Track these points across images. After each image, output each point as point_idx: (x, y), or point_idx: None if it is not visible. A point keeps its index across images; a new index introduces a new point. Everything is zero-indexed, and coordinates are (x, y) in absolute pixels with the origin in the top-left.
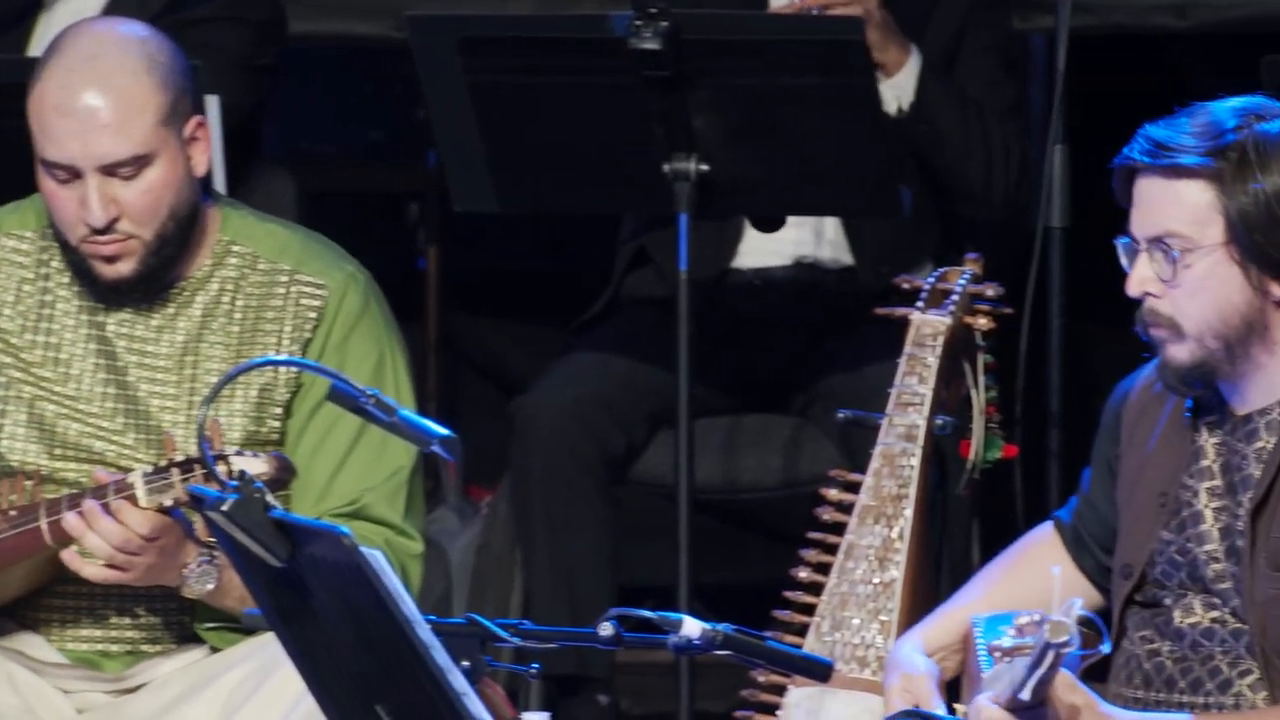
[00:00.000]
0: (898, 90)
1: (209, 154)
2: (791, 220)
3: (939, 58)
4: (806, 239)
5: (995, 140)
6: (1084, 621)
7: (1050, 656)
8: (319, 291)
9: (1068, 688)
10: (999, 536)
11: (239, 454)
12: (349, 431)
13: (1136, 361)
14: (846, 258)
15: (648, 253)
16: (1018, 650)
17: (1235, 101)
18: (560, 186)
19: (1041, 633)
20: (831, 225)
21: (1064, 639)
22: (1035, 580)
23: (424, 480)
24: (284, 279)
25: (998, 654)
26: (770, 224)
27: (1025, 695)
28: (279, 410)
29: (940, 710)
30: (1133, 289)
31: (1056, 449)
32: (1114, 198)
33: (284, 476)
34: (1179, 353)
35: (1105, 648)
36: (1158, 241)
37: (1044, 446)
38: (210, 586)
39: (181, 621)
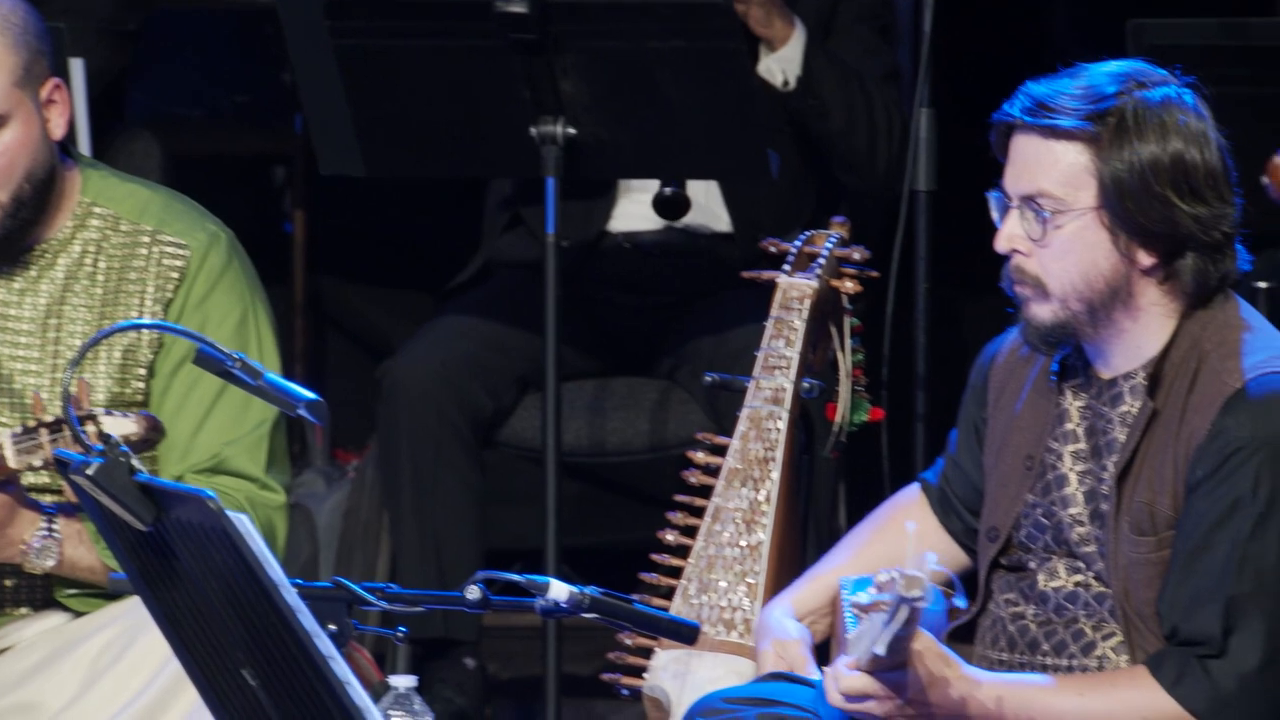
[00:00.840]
0: (784, 64)
1: (68, 117)
2: (658, 184)
3: (815, 27)
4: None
5: (879, 110)
6: (944, 580)
7: (905, 611)
8: (181, 251)
9: (930, 650)
10: (865, 499)
11: (108, 414)
12: (211, 389)
13: (1001, 325)
14: (717, 224)
15: (520, 216)
16: (875, 607)
17: (1118, 66)
18: (427, 150)
19: (895, 588)
20: (702, 191)
21: (918, 593)
22: (902, 542)
23: (291, 444)
24: (146, 240)
25: (858, 611)
26: (674, 211)
27: (880, 650)
28: (143, 371)
29: (811, 674)
30: (1001, 245)
31: (922, 411)
32: (980, 162)
33: (153, 436)
34: (1042, 312)
35: (960, 602)
36: (1030, 200)
37: (910, 409)
38: (51, 563)
39: (47, 584)
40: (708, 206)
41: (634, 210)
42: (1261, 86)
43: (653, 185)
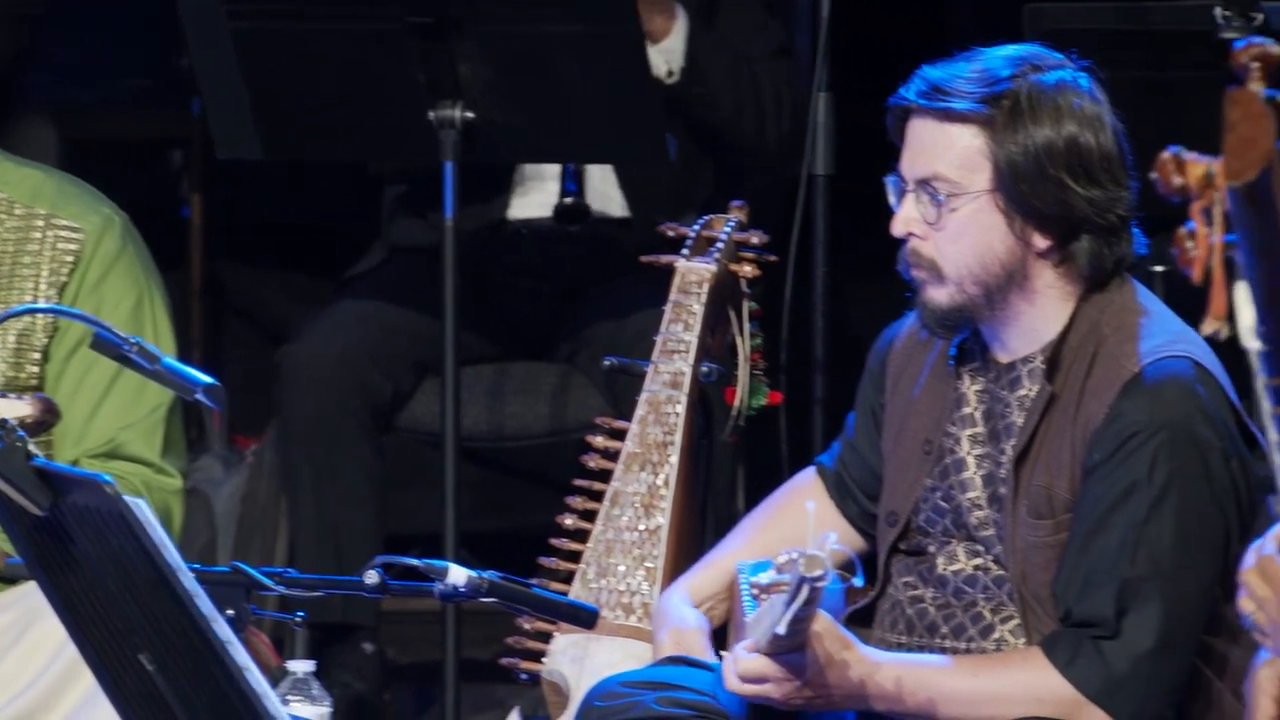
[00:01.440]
0: (667, 55)
1: None
2: (552, 169)
3: (700, 8)
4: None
5: (766, 90)
6: (843, 560)
7: (806, 591)
8: (75, 235)
9: (829, 632)
10: (764, 483)
11: (2, 397)
12: (106, 374)
13: (899, 309)
14: (614, 208)
15: (417, 201)
16: (775, 587)
17: (1013, 49)
18: (324, 134)
19: (796, 568)
20: (598, 175)
21: (819, 573)
22: (799, 525)
23: (188, 429)
24: (40, 223)
25: (757, 591)
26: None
27: (781, 630)
28: (38, 355)
29: (712, 661)
30: (897, 228)
31: (821, 396)
32: (877, 146)
33: (49, 419)
34: (938, 295)
35: (857, 581)
36: (925, 183)
37: (809, 393)
38: None
39: None
40: (604, 191)
41: (530, 198)
42: (1159, 70)
43: (550, 170)
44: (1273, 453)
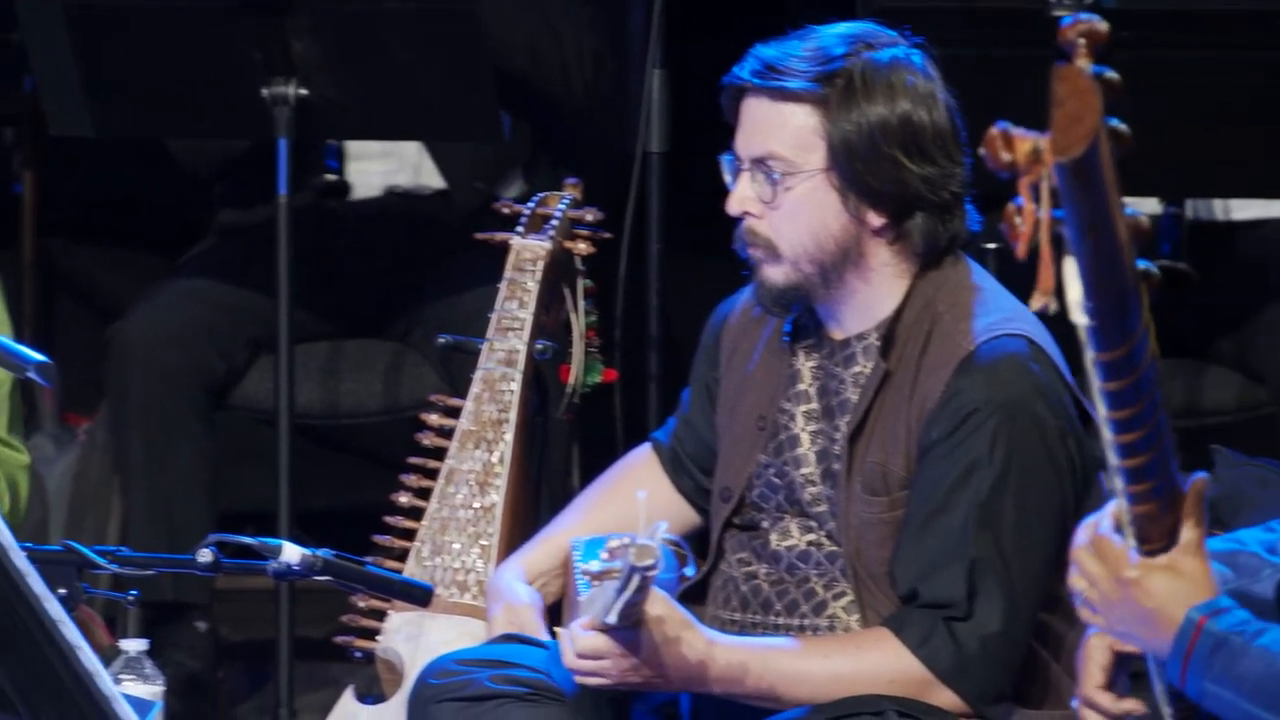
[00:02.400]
0: None
1: None
2: (378, 148)
3: None
4: (393, 167)
5: (567, 41)
6: (674, 547)
7: (636, 580)
8: None
9: (664, 611)
10: (599, 460)
11: None
12: None
13: (734, 286)
14: (436, 181)
15: (246, 181)
16: (607, 574)
17: (847, 27)
18: (157, 110)
19: (627, 556)
20: (415, 150)
21: (649, 562)
22: (631, 502)
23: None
24: None
25: (589, 578)
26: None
27: (612, 619)
28: None
29: (543, 638)
30: (732, 207)
31: (656, 372)
32: (712, 122)
33: None
34: (774, 274)
35: (689, 571)
36: (760, 162)
37: (643, 370)
38: None
39: None
40: (418, 164)
41: (356, 178)
42: (990, 48)
43: (377, 148)
44: (1102, 427)
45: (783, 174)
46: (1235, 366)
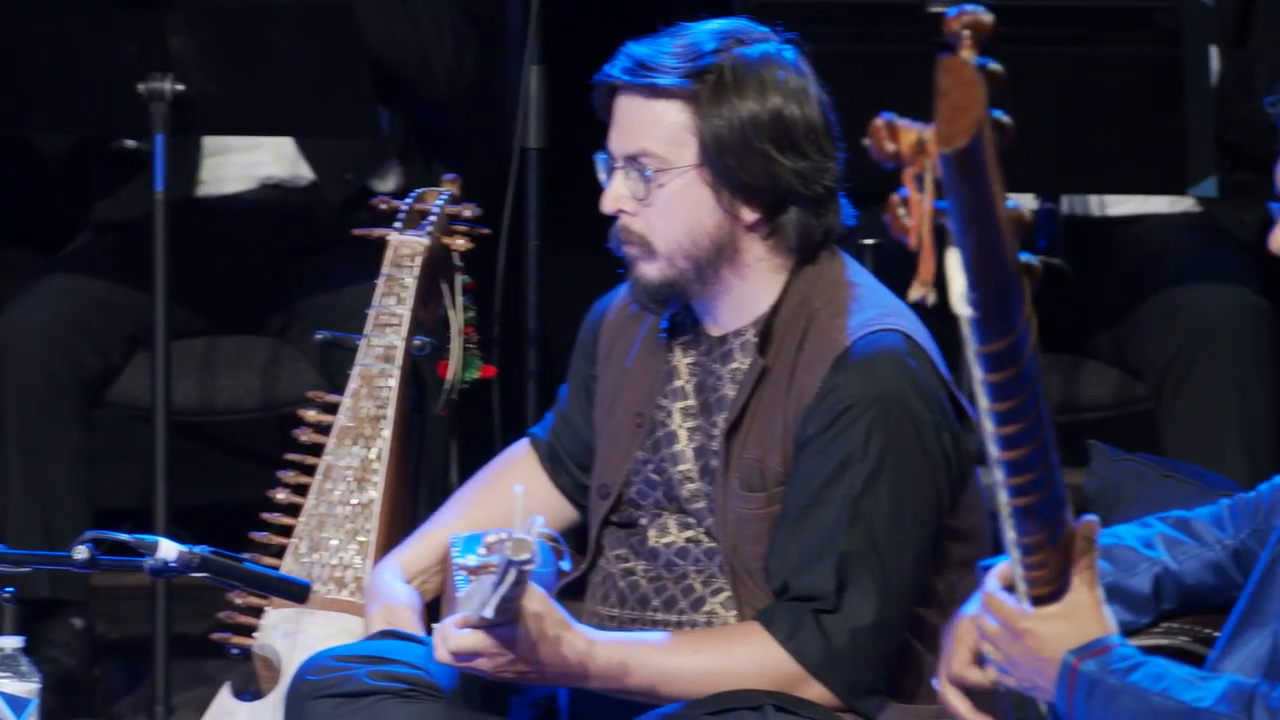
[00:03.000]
0: None
1: None
2: (251, 142)
3: None
4: (267, 160)
5: (424, 24)
6: (551, 542)
7: (513, 574)
8: None
9: (541, 608)
10: (477, 456)
11: None
12: None
13: (612, 283)
14: (310, 174)
15: (120, 176)
16: (484, 569)
17: (719, 24)
18: (32, 106)
19: (504, 550)
20: (288, 143)
21: (525, 556)
22: (512, 498)
23: None
24: None
25: (466, 572)
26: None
27: (489, 613)
28: None
29: (420, 635)
30: (607, 205)
31: (534, 369)
32: (590, 119)
33: None
34: (649, 270)
35: (565, 565)
36: (633, 160)
37: (522, 366)
38: None
39: None
40: (296, 157)
41: (228, 173)
42: (868, 44)
43: (248, 143)
44: (983, 419)
45: (655, 171)
46: (1112, 362)
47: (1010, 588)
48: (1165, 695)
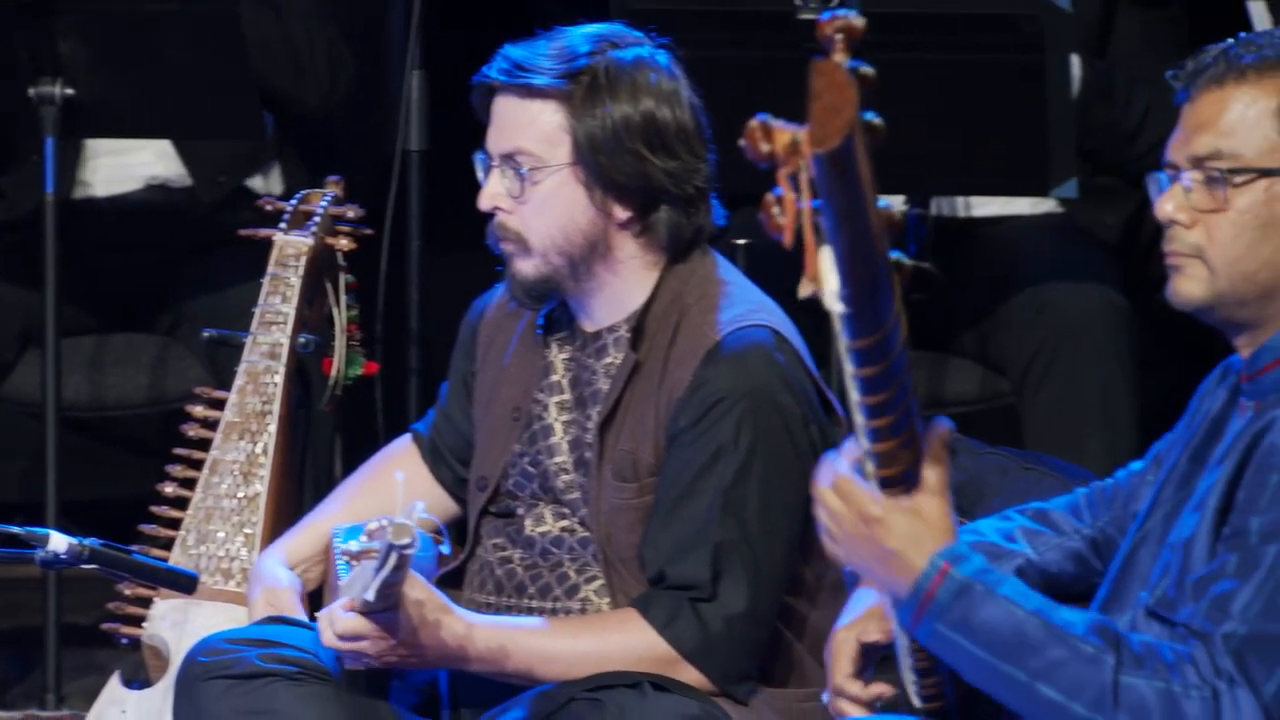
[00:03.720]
0: None
1: None
2: (136, 144)
3: None
4: (150, 160)
5: (301, 46)
6: (431, 528)
7: (394, 558)
8: None
9: (422, 594)
10: (361, 450)
11: None
12: None
13: (492, 281)
14: (183, 175)
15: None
16: (365, 554)
17: (593, 28)
18: None
19: (385, 535)
20: (169, 144)
21: (406, 541)
22: (392, 491)
23: None
24: None
25: (348, 558)
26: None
27: (370, 596)
28: None
29: (304, 619)
30: (484, 203)
31: (416, 365)
32: (470, 122)
33: None
34: (525, 267)
35: (445, 549)
36: (509, 158)
37: (404, 363)
38: None
39: None
40: (177, 158)
41: (113, 174)
42: (743, 49)
43: (128, 145)
44: (855, 413)
45: (530, 169)
46: (976, 358)
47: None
48: (1035, 614)
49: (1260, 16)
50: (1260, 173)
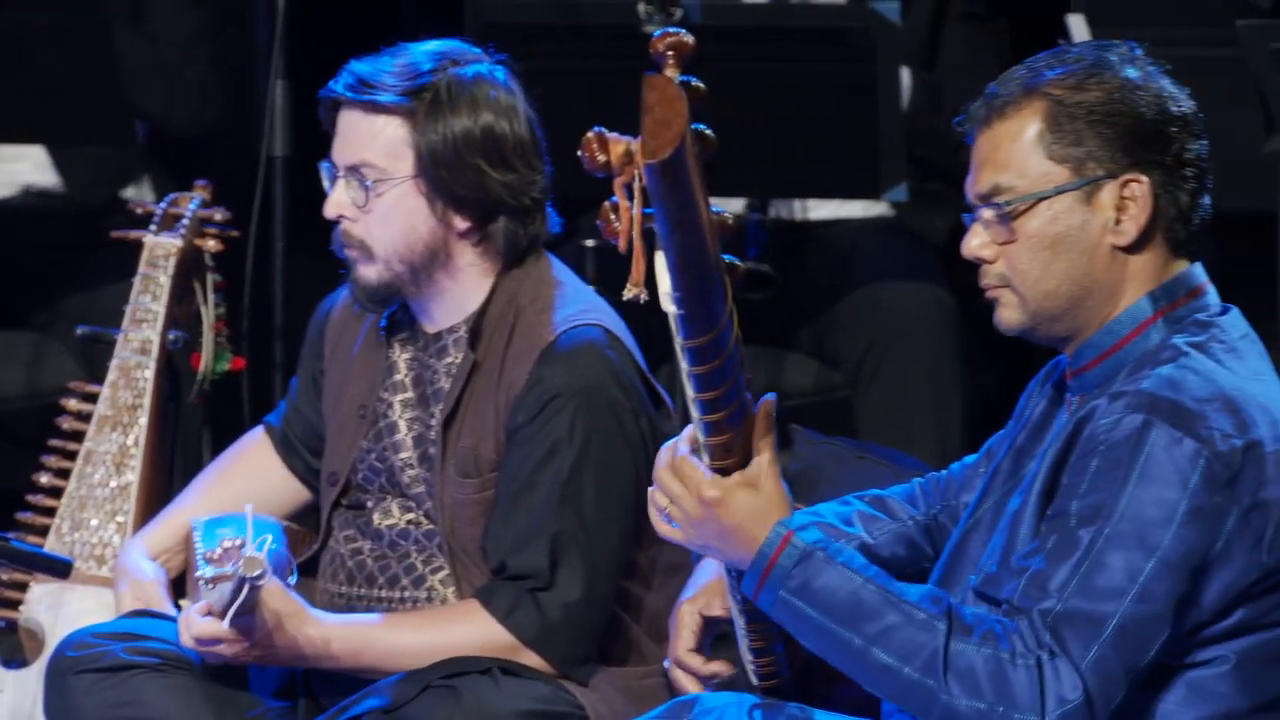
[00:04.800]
0: None
1: None
2: (14, 152)
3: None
4: (27, 170)
5: (173, 70)
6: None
7: (247, 589)
8: None
9: (276, 602)
10: (229, 441)
11: None
12: None
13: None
14: (70, 181)
15: None
16: (221, 578)
17: (436, 45)
18: None
19: (239, 566)
20: (46, 153)
21: (258, 573)
22: (249, 482)
23: None
24: None
25: (204, 582)
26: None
27: (226, 624)
28: None
29: (169, 611)
30: (329, 211)
31: (280, 361)
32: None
33: None
34: (368, 273)
35: (292, 579)
36: (354, 170)
37: (269, 359)
38: None
39: None
40: (50, 165)
41: None
42: (591, 61)
43: (7, 154)
44: (691, 408)
45: (375, 181)
46: (812, 353)
47: (697, 451)
48: (872, 581)
49: (1078, 29)
50: (1036, 198)
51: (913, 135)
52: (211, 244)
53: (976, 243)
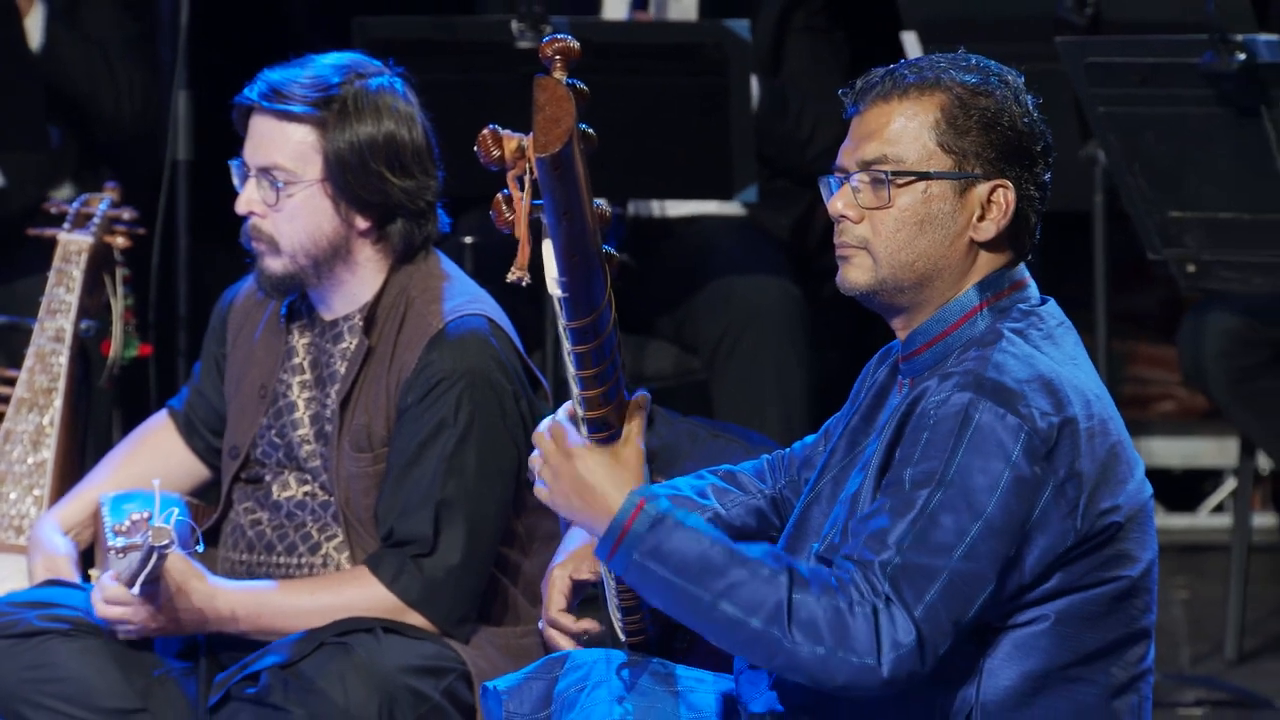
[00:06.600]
0: (30, 29)
1: None
2: None
3: (66, 6)
4: None
5: (120, 73)
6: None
7: (155, 557)
8: None
9: (178, 574)
10: (137, 421)
11: None
12: None
13: (247, 273)
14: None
15: None
16: (130, 548)
17: (340, 57)
18: None
19: (147, 536)
20: None
21: (166, 542)
22: (153, 461)
23: None
24: None
25: (116, 551)
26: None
27: (136, 590)
28: None
29: (78, 582)
30: (241, 207)
31: (184, 347)
32: (230, 134)
33: None
34: (274, 264)
35: (199, 549)
36: (266, 171)
37: (174, 346)
38: None
39: None
40: None
41: None
42: (467, 73)
43: None
44: (571, 384)
45: (285, 182)
46: (672, 340)
47: (576, 425)
48: (719, 541)
49: (911, 44)
50: (919, 176)
51: (761, 137)
52: (120, 241)
53: (842, 203)
